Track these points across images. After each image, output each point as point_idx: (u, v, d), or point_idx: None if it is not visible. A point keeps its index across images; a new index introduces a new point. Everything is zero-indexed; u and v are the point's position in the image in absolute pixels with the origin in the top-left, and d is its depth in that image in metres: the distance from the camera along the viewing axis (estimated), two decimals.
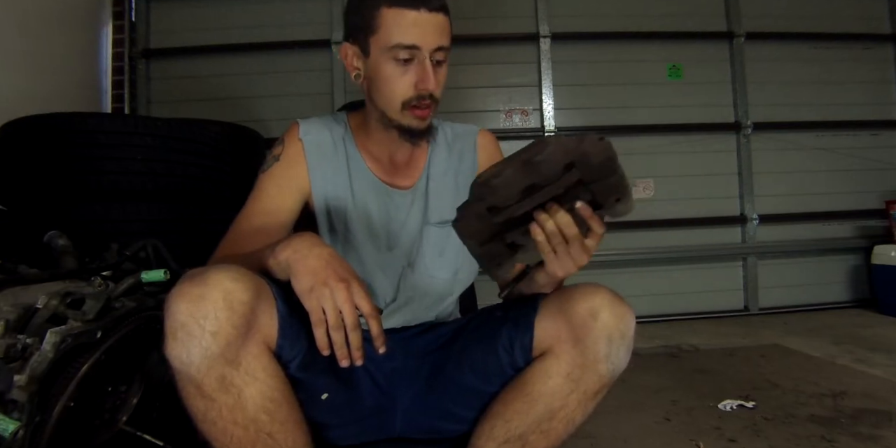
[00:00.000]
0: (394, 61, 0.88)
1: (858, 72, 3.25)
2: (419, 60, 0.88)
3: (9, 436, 0.75)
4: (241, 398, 0.72)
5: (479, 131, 1.12)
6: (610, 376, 0.80)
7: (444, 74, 0.92)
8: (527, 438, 0.81)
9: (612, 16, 3.14)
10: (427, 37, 0.87)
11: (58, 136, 1.46)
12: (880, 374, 1.87)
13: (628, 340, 0.79)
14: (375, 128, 0.98)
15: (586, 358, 0.79)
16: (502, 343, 0.85)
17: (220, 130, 1.86)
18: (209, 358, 0.68)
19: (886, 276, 2.90)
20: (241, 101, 3.03)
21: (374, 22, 0.88)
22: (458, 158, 1.07)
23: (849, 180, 3.22)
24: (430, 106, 0.91)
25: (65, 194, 1.46)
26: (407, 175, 1.04)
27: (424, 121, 0.93)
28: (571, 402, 0.80)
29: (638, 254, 3.06)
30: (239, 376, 0.71)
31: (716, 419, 1.52)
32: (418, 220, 1.01)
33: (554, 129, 3.08)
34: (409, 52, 0.87)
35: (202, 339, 0.67)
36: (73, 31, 2.57)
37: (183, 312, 0.67)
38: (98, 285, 0.95)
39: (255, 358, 0.73)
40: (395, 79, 0.90)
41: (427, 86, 0.88)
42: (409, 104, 0.91)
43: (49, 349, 0.82)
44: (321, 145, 1.00)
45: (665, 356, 2.23)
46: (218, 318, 0.68)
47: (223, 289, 0.69)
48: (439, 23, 0.88)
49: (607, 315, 0.78)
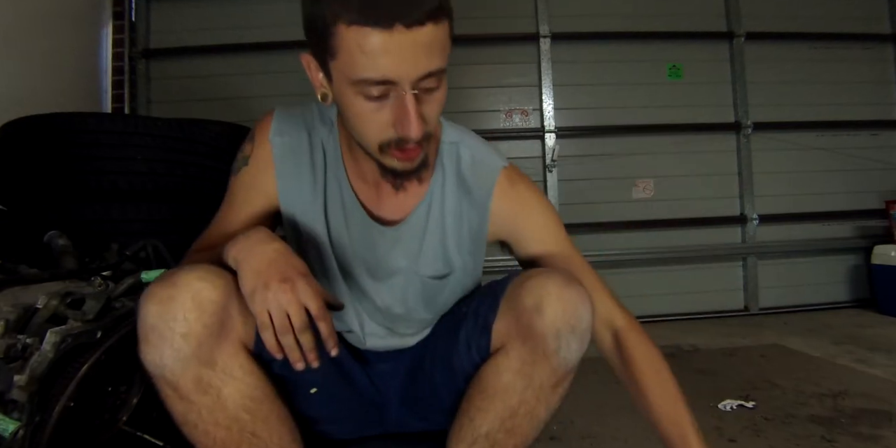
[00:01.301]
0: (363, 97, 0.68)
1: (858, 72, 3.25)
2: (397, 95, 0.67)
3: (9, 436, 0.75)
4: (220, 398, 0.71)
5: (501, 171, 0.89)
6: (564, 369, 0.77)
7: (438, 102, 0.72)
8: (494, 437, 0.79)
9: (612, 16, 3.14)
10: (405, 66, 0.64)
11: (58, 136, 1.46)
12: (880, 374, 1.87)
13: (580, 332, 0.75)
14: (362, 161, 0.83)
15: (535, 354, 0.76)
16: (460, 344, 0.85)
17: (220, 130, 1.85)
18: (182, 360, 0.67)
19: (886, 276, 2.89)
20: (241, 101, 3.02)
21: (330, 43, 0.66)
22: (468, 199, 0.88)
23: (849, 180, 3.22)
24: (418, 147, 0.73)
25: (65, 194, 1.46)
26: (398, 207, 0.87)
27: (413, 161, 0.75)
28: (529, 398, 0.78)
29: (638, 254, 3.06)
30: (216, 376, 0.70)
31: (716, 419, 1.52)
32: (402, 267, 0.87)
33: (554, 129, 3.08)
34: (382, 87, 0.66)
35: (173, 341, 0.66)
36: (73, 31, 2.57)
37: (153, 315, 0.66)
38: (98, 285, 0.95)
39: (230, 357, 0.71)
40: (366, 118, 0.70)
41: (408, 131, 0.68)
42: (388, 147, 0.72)
43: (49, 349, 0.82)
44: (294, 151, 0.84)
45: (665, 356, 2.22)
46: (187, 318, 0.66)
47: (191, 289, 0.67)
48: (425, 40, 0.64)
49: (554, 309, 0.74)
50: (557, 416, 0.86)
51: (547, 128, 3.08)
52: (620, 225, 3.08)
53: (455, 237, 0.88)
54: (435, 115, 0.73)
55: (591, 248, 3.00)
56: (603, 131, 3.12)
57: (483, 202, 0.88)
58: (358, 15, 0.62)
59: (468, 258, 0.90)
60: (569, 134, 3.11)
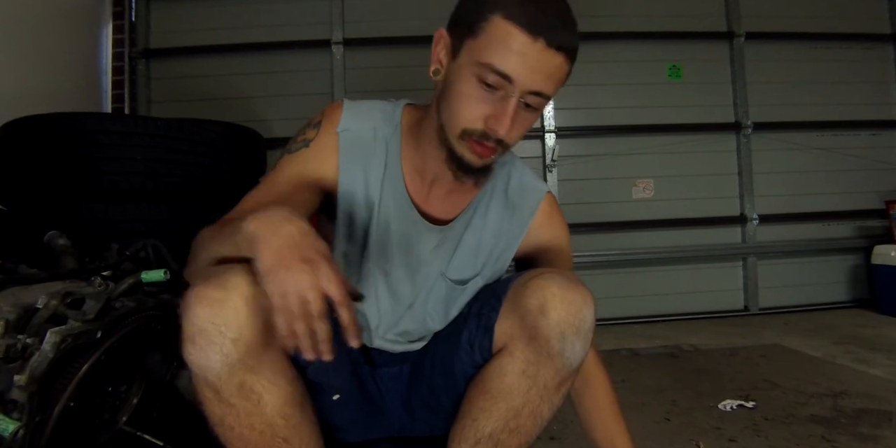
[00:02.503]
0: (477, 81, 0.73)
1: (858, 72, 3.25)
2: (505, 94, 0.73)
3: (9, 436, 0.75)
4: (261, 404, 0.71)
5: (546, 194, 0.97)
6: (568, 369, 0.78)
7: (529, 121, 0.77)
8: (497, 438, 0.80)
9: (612, 16, 3.14)
10: (528, 73, 0.71)
11: (58, 135, 1.46)
12: (880, 374, 1.87)
13: (584, 332, 0.76)
14: (430, 137, 0.83)
15: (540, 355, 0.77)
16: (463, 345, 0.85)
17: (220, 130, 1.86)
18: (229, 365, 0.66)
19: (886, 276, 2.89)
20: (241, 101, 3.02)
21: (480, 25, 0.72)
22: (510, 216, 0.94)
23: (849, 180, 3.22)
24: (495, 149, 0.77)
25: (65, 194, 1.46)
26: (445, 208, 0.90)
27: (482, 159, 0.78)
28: (533, 398, 0.79)
29: (638, 254, 3.06)
30: (259, 382, 0.70)
31: (716, 419, 1.52)
32: (435, 268, 0.91)
33: (554, 129, 3.08)
34: (499, 79, 0.72)
35: (223, 346, 0.65)
36: (73, 31, 2.57)
37: (202, 317, 0.65)
38: (98, 285, 0.95)
39: (274, 364, 0.71)
40: (468, 101, 0.75)
41: (497, 128, 0.73)
42: (469, 136, 0.76)
43: (49, 349, 0.82)
44: (359, 144, 0.86)
45: (665, 356, 2.23)
46: (239, 324, 0.65)
47: (243, 293, 0.65)
48: (553, 65, 0.72)
49: (558, 311, 0.74)
50: (557, 415, 0.86)
51: (547, 128, 3.08)
52: (620, 225, 3.08)
53: (487, 249, 0.93)
54: (521, 130, 0.77)
55: (592, 248, 3.00)
56: (603, 131, 3.12)
57: (525, 222, 0.94)
58: (520, 14, 0.70)
59: (490, 270, 0.94)
60: (569, 134, 3.11)
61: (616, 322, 2.92)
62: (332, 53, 3.04)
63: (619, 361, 2.15)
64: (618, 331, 2.74)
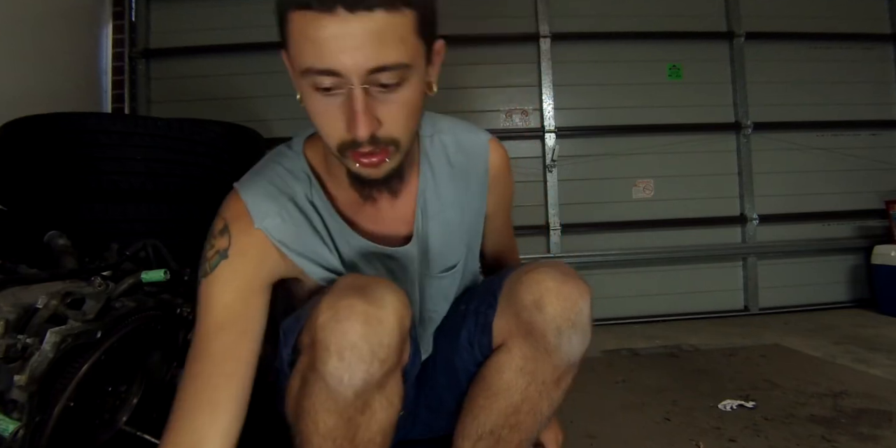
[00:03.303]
0: (315, 91, 0.64)
1: (858, 72, 3.25)
2: (347, 91, 0.62)
3: (9, 436, 0.75)
4: (372, 420, 0.70)
5: (489, 144, 0.90)
6: (566, 364, 0.78)
7: (401, 103, 0.64)
8: (499, 433, 0.80)
9: (612, 16, 3.14)
10: (349, 55, 0.59)
11: (58, 135, 1.46)
12: (880, 374, 1.87)
13: (581, 326, 0.75)
14: (336, 165, 0.76)
15: (537, 350, 0.76)
16: (463, 343, 0.85)
17: (220, 130, 1.85)
18: (368, 382, 0.65)
19: (886, 276, 2.89)
20: (241, 101, 3.02)
21: (284, 31, 0.64)
22: (464, 184, 0.87)
23: (849, 180, 3.22)
24: (380, 152, 0.67)
25: (65, 194, 1.46)
26: (400, 220, 0.84)
27: (377, 168, 0.69)
28: (532, 394, 0.79)
29: (638, 254, 3.06)
30: (379, 401, 0.70)
31: (716, 419, 1.52)
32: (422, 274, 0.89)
33: (554, 129, 3.08)
34: (329, 78, 0.61)
35: (371, 364, 0.64)
36: (73, 31, 2.57)
37: (356, 333, 0.63)
38: (98, 285, 0.95)
39: (396, 385, 0.72)
40: (322, 117, 0.66)
41: (357, 131, 0.63)
42: (346, 149, 0.67)
43: (49, 349, 0.82)
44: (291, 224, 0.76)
45: (665, 356, 2.22)
46: (391, 345, 0.64)
47: (399, 315, 0.64)
48: (374, 28, 0.58)
49: (554, 305, 0.74)
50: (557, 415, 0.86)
51: (547, 128, 3.08)
52: (620, 225, 3.08)
53: (456, 228, 0.88)
54: (396, 118, 0.65)
55: (591, 248, 3.00)
56: (603, 131, 3.12)
57: (482, 180, 0.89)
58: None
59: (473, 242, 0.94)
60: (569, 134, 3.11)
61: (616, 322, 2.92)
62: None
63: (619, 361, 2.15)
64: (618, 331, 2.74)
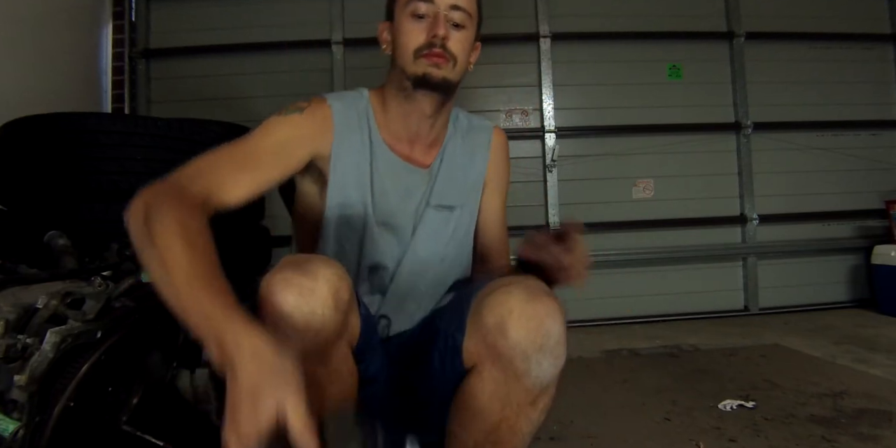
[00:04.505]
0: (411, 17, 0.91)
1: (858, 72, 3.25)
2: (433, 15, 0.91)
3: (9, 436, 0.75)
4: (323, 397, 0.71)
5: (493, 129, 1.11)
6: (539, 387, 0.75)
7: (462, 38, 0.93)
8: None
9: (612, 16, 3.14)
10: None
11: (58, 135, 1.46)
12: (880, 374, 1.87)
13: (550, 348, 0.72)
14: (395, 100, 0.97)
15: (507, 375, 0.74)
16: (435, 365, 0.84)
17: (220, 130, 1.85)
18: (306, 353, 0.65)
19: (886, 276, 2.90)
20: (241, 101, 3.02)
21: None
22: (470, 153, 1.06)
23: (849, 180, 3.22)
24: (443, 55, 0.91)
25: (65, 194, 1.46)
26: (426, 153, 1.02)
27: (439, 68, 0.91)
28: (509, 415, 0.77)
29: (638, 254, 3.06)
30: (326, 375, 0.71)
31: (716, 419, 1.52)
32: (423, 201, 1.00)
33: (554, 129, 3.08)
34: (425, 6, 0.90)
35: (305, 334, 0.65)
36: (73, 31, 2.57)
37: (291, 303, 0.65)
38: (98, 285, 0.94)
39: (342, 358, 0.73)
40: (410, 31, 0.91)
41: (437, 32, 0.89)
42: (420, 52, 0.91)
43: (49, 349, 0.82)
44: (348, 116, 0.98)
45: (665, 356, 2.23)
46: (325, 314, 0.66)
47: (333, 286, 0.66)
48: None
49: (517, 329, 0.71)
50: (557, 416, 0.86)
51: (547, 128, 3.08)
52: (620, 225, 3.08)
53: (461, 182, 1.04)
54: (460, 45, 0.92)
55: (592, 248, 2.99)
56: (603, 131, 3.12)
57: (483, 154, 1.08)
58: None
59: (470, 200, 1.05)
60: (569, 134, 3.11)
61: (616, 322, 2.92)
62: (331, 53, 3.04)
63: (619, 361, 2.15)
64: (618, 331, 2.74)
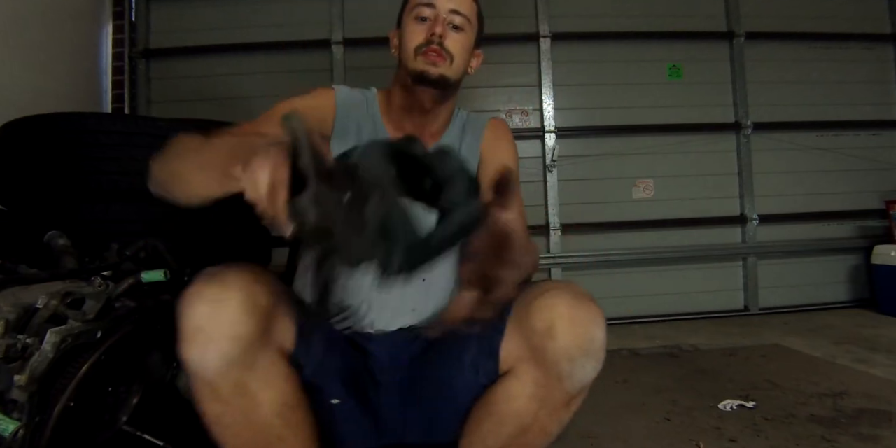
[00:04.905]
0: (415, 20, 0.99)
1: (858, 72, 3.25)
2: (434, 17, 0.98)
3: (9, 436, 0.75)
4: (256, 402, 0.71)
5: (490, 118, 1.16)
6: (577, 390, 0.76)
7: (460, 39, 1.00)
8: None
9: (612, 16, 3.14)
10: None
11: (58, 135, 1.46)
12: (880, 374, 1.87)
13: (594, 352, 0.74)
14: (399, 95, 1.03)
15: (549, 378, 0.75)
16: (467, 367, 0.84)
17: None
18: (226, 362, 0.67)
19: (886, 276, 2.89)
20: (241, 101, 3.02)
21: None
22: (463, 141, 1.10)
23: (849, 180, 3.22)
24: (442, 55, 0.97)
25: (65, 194, 1.46)
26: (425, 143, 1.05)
27: (436, 66, 0.97)
28: (542, 417, 0.78)
29: (638, 254, 3.06)
30: (255, 381, 0.71)
31: (716, 419, 1.52)
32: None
33: (554, 129, 3.08)
34: (427, 9, 0.98)
35: (220, 344, 0.66)
36: (73, 31, 2.57)
37: (201, 315, 0.66)
38: (98, 285, 0.95)
39: (271, 363, 0.72)
40: (412, 31, 0.99)
41: (435, 30, 0.96)
42: (420, 50, 0.97)
43: (49, 349, 0.82)
44: (352, 100, 1.05)
45: (665, 356, 2.23)
46: (237, 322, 0.66)
47: (244, 292, 0.67)
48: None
49: (565, 333, 0.72)
50: None
51: (547, 128, 3.08)
52: (620, 225, 3.08)
53: None
54: (458, 46, 0.99)
55: (592, 248, 3.00)
56: (603, 131, 3.12)
57: (476, 137, 1.10)
58: None
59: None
60: (569, 134, 3.11)
61: (616, 322, 2.92)
62: (332, 53, 3.04)
63: (619, 361, 2.15)
64: (618, 331, 2.74)
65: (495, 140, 1.12)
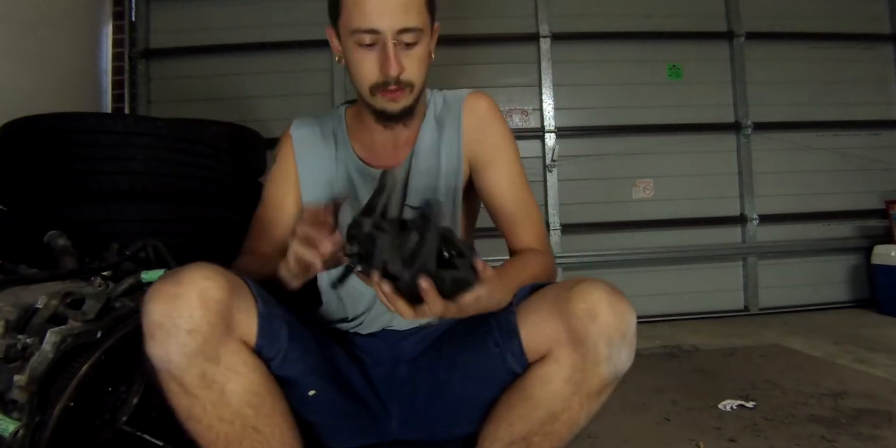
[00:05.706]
0: (358, 46, 0.87)
1: (858, 72, 3.25)
2: (382, 45, 0.86)
3: (9, 436, 0.75)
4: (224, 393, 0.72)
5: (467, 95, 1.04)
6: (612, 377, 0.78)
7: (418, 56, 0.89)
8: (530, 440, 0.79)
9: (612, 16, 3.14)
10: (386, 19, 0.84)
11: (58, 136, 1.46)
12: (880, 374, 1.87)
13: (630, 339, 0.76)
14: (365, 112, 0.98)
15: (587, 361, 0.76)
16: (491, 350, 0.84)
17: (220, 130, 1.85)
18: (187, 356, 0.69)
19: (886, 276, 2.89)
20: (241, 101, 3.03)
21: (338, 5, 0.88)
22: (441, 132, 1.02)
23: (849, 180, 3.22)
24: (401, 90, 0.89)
25: (65, 194, 1.46)
26: (395, 156, 1.01)
27: (397, 103, 0.91)
28: (574, 404, 0.79)
29: (638, 254, 3.06)
30: (220, 372, 0.72)
31: (716, 419, 1.52)
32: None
33: (554, 129, 3.08)
34: (370, 36, 0.85)
35: (178, 338, 0.68)
36: (73, 30, 2.57)
37: (158, 312, 0.68)
38: (98, 285, 0.95)
39: (234, 354, 0.73)
40: (360, 64, 0.88)
41: (388, 71, 0.86)
42: (377, 89, 0.89)
43: (49, 349, 0.82)
44: (310, 137, 1.04)
45: (665, 356, 2.23)
46: (193, 316, 0.68)
47: (198, 287, 0.69)
48: (403, 2, 0.84)
49: (607, 315, 0.74)
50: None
51: (547, 128, 3.08)
52: (620, 225, 3.08)
53: (436, 171, 1.01)
54: (415, 67, 0.89)
55: (592, 248, 3.00)
56: (603, 131, 3.13)
57: (456, 125, 1.02)
58: None
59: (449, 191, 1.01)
60: (569, 134, 3.11)
61: None
62: (331, 53, 3.03)
63: None
64: None
65: (478, 123, 1.02)
